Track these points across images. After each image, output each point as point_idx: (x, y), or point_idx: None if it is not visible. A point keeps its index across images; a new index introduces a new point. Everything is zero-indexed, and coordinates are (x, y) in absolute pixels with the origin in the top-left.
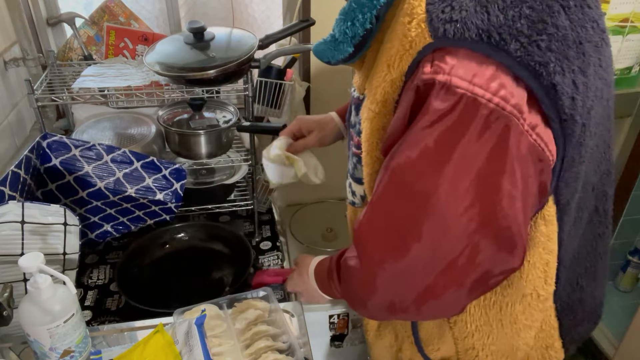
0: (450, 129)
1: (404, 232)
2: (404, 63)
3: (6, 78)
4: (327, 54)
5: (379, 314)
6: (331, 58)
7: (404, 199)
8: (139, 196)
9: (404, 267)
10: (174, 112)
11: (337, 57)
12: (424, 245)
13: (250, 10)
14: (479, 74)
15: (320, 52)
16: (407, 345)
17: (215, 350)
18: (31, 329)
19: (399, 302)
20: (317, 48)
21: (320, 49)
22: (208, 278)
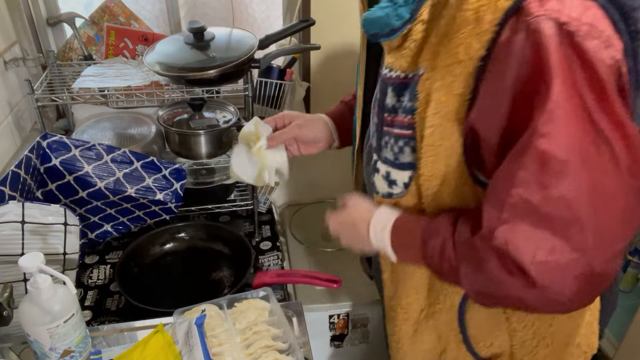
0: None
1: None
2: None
3: (6, 78)
4: (381, 21)
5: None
6: (384, 27)
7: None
8: (139, 196)
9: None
10: (174, 112)
11: (392, 25)
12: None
13: (250, 10)
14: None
15: (373, 22)
16: (453, 345)
17: (215, 350)
18: (31, 329)
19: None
20: (371, 16)
21: (373, 17)
22: (208, 278)
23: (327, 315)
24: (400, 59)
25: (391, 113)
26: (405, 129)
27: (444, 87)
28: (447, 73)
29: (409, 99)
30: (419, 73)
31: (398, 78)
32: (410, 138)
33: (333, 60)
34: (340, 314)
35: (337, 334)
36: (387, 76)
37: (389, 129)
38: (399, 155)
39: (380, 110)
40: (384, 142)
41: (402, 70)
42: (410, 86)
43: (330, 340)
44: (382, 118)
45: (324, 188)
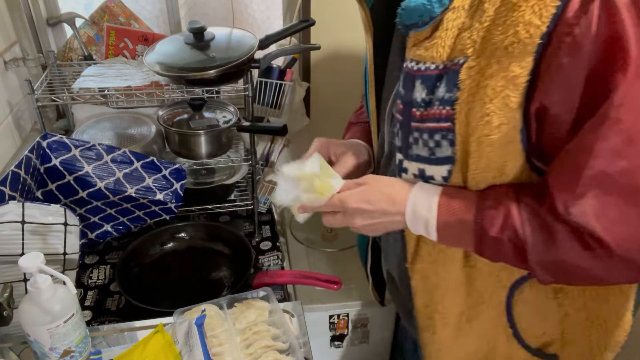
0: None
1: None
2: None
3: (6, 78)
4: (422, 9)
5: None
6: (424, 16)
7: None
8: (139, 196)
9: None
10: (174, 112)
11: (434, 12)
12: None
13: (250, 10)
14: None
15: (413, 10)
16: (503, 342)
17: (215, 350)
18: (31, 329)
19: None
20: (410, 4)
21: (414, 5)
22: (208, 278)
23: (327, 315)
24: (430, 50)
25: (421, 107)
26: (442, 122)
27: (500, 71)
28: (504, 56)
29: (447, 89)
30: (459, 62)
31: (429, 70)
32: (449, 130)
33: (333, 60)
34: (340, 314)
35: (337, 334)
36: (413, 69)
37: (420, 125)
38: (436, 150)
39: (407, 106)
40: (412, 139)
41: (433, 61)
42: (446, 77)
43: (330, 340)
44: (410, 114)
45: None
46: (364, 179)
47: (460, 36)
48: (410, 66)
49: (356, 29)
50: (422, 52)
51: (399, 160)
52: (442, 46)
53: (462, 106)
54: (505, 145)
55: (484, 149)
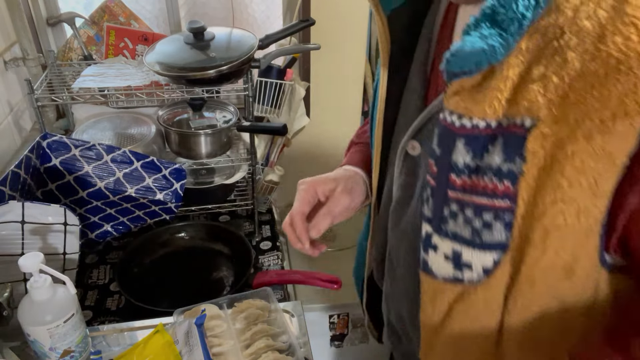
0: None
1: None
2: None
3: (6, 78)
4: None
5: None
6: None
7: None
8: (139, 196)
9: None
10: (174, 112)
11: (496, 59)
12: None
13: (250, 10)
14: None
15: (468, 57)
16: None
17: (215, 350)
18: (31, 329)
19: None
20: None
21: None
22: (208, 278)
23: (327, 315)
24: (481, 103)
25: (463, 174)
26: (497, 199)
27: (592, 150)
28: (598, 130)
29: (506, 158)
30: (523, 124)
31: (477, 128)
32: (507, 211)
33: (333, 60)
34: (340, 314)
35: (337, 334)
36: (455, 125)
37: (461, 197)
38: (483, 232)
39: (444, 169)
40: (448, 213)
41: (484, 118)
42: (503, 140)
43: (330, 340)
44: (447, 181)
45: None
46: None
47: (527, 88)
48: (450, 120)
49: (356, 29)
50: (470, 104)
51: (427, 233)
52: (498, 99)
53: (528, 183)
54: (581, 240)
55: (552, 242)
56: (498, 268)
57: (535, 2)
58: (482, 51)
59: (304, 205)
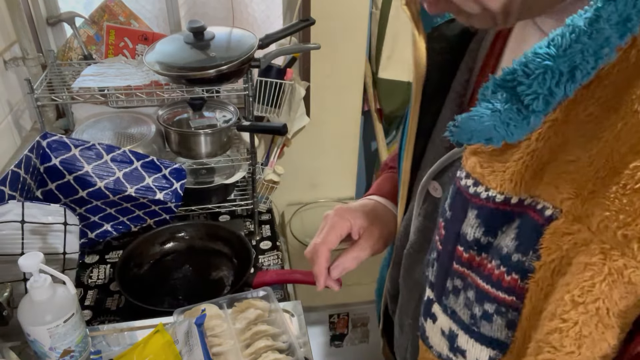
0: None
1: None
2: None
3: (6, 78)
4: (490, 132)
5: None
6: (491, 141)
7: None
8: (139, 196)
9: None
10: (174, 112)
11: (513, 138)
12: None
13: (250, 9)
14: None
15: (475, 131)
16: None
17: (215, 350)
18: (31, 328)
19: None
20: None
21: (477, 126)
22: (208, 278)
23: (327, 315)
24: (501, 173)
25: (472, 250)
26: (502, 291)
27: (608, 270)
28: (621, 250)
29: (520, 248)
30: (543, 212)
31: (492, 201)
32: (511, 308)
33: (333, 60)
34: (340, 314)
35: (337, 333)
36: (469, 191)
37: (466, 272)
38: (481, 324)
39: (451, 238)
40: (451, 286)
41: (501, 191)
42: (519, 226)
43: (330, 340)
44: (454, 251)
45: (324, 188)
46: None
47: (557, 169)
48: (464, 183)
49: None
50: (488, 172)
51: (429, 299)
52: (521, 173)
53: (540, 284)
54: (593, 346)
55: (544, 348)
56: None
57: (569, 77)
58: (492, 128)
59: (334, 238)
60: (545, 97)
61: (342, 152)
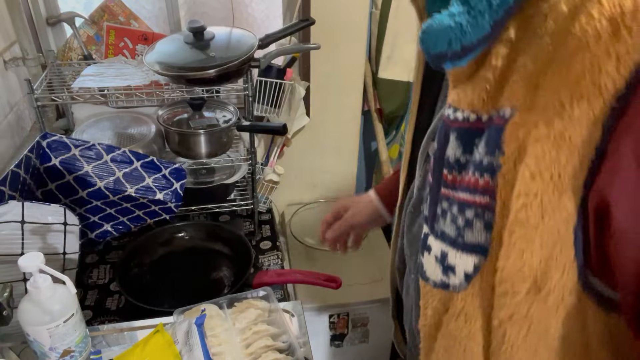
0: None
1: None
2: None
3: (6, 78)
4: (451, 34)
5: None
6: (454, 44)
7: None
8: (139, 196)
9: None
10: (174, 112)
11: (466, 40)
12: None
13: (250, 9)
14: None
15: (438, 35)
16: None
17: (215, 350)
18: (31, 328)
19: None
20: (435, 26)
21: (439, 28)
22: (208, 278)
23: (327, 315)
24: (471, 94)
25: (453, 170)
26: (478, 195)
27: (552, 137)
28: (559, 116)
29: (487, 151)
30: (504, 115)
31: (467, 121)
32: (486, 208)
33: (333, 60)
34: (340, 314)
35: (337, 333)
36: (450, 118)
37: (450, 193)
38: (465, 232)
39: (438, 164)
40: (440, 210)
41: (472, 110)
42: (487, 133)
43: (330, 340)
44: (440, 176)
45: (324, 188)
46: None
47: (511, 78)
48: (447, 114)
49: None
50: (462, 96)
51: (425, 234)
52: (485, 90)
53: (506, 178)
54: (548, 246)
55: (517, 242)
56: (478, 275)
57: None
58: (449, 29)
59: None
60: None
61: (342, 152)
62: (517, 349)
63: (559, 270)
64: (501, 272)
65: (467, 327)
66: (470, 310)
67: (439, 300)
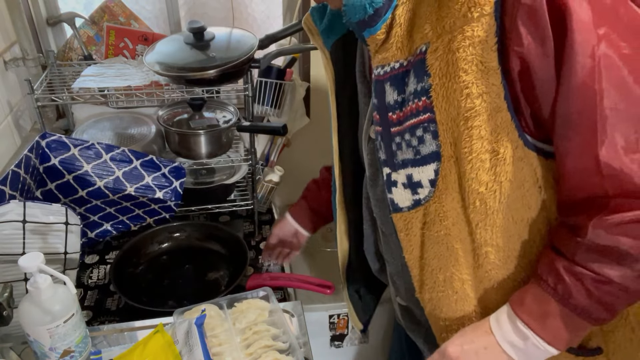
0: None
1: None
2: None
3: (6, 78)
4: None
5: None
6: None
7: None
8: (139, 195)
9: None
10: (174, 112)
11: (378, 2)
12: None
13: (250, 10)
14: None
15: (355, 4)
16: None
17: (215, 350)
18: (31, 329)
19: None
20: (348, 2)
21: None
22: (204, 279)
23: (327, 315)
24: (390, 50)
25: (396, 109)
26: (421, 114)
27: (466, 39)
28: (465, 24)
29: (418, 80)
30: (422, 50)
31: (394, 70)
32: (430, 121)
33: None
34: (340, 314)
35: (337, 334)
36: (381, 74)
37: (399, 128)
38: (420, 148)
39: (383, 113)
40: (395, 146)
41: (396, 60)
42: (413, 70)
43: (330, 340)
44: (387, 121)
45: None
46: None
47: (417, 26)
48: (377, 73)
49: None
50: (384, 54)
51: (387, 174)
52: (400, 42)
53: (437, 91)
54: (493, 116)
55: (472, 126)
56: (440, 177)
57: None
58: (356, 2)
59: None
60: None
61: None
62: (497, 213)
63: (506, 135)
64: (466, 159)
65: (444, 225)
66: (443, 209)
67: (416, 219)
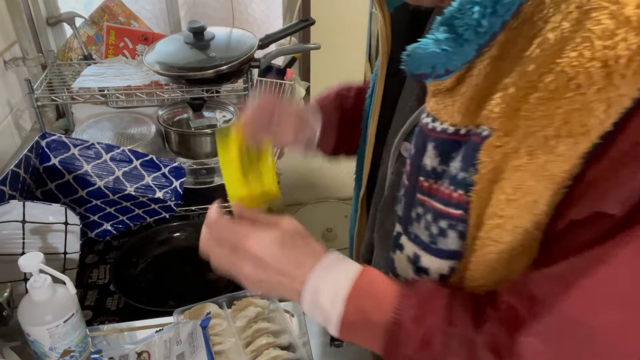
0: None
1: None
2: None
3: (6, 78)
4: (435, 60)
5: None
6: (438, 68)
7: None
8: (139, 194)
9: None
10: (174, 112)
11: (452, 67)
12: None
13: (250, 10)
14: None
15: (423, 59)
16: None
17: (216, 349)
18: (31, 329)
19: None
20: (420, 51)
21: (424, 54)
22: (204, 278)
23: None
24: (450, 107)
25: (430, 179)
26: (452, 207)
27: (534, 168)
28: (542, 149)
29: (463, 166)
30: (481, 133)
31: (445, 133)
32: (459, 220)
33: (333, 60)
34: None
35: None
36: (428, 127)
37: (426, 199)
38: (438, 240)
39: (414, 171)
40: (415, 214)
41: (452, 123)
42: (464, 148)
43: (330, 340)
44: (416, 182)
45: (324, 188)
46: (281, 222)
47: (491, 97)
48: (425, 122)
49: (356, 29)
50: (442, 107)
51: (397, 232)
52: (466, 106)
53: (479, 195)
54: (518, 256)
55: (486, 256)
56: (454, 276)
57: (492, 10)
58: (434, 54)
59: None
60: (474, 28)
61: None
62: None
63: (519, 266)
64: (472, 272)
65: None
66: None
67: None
